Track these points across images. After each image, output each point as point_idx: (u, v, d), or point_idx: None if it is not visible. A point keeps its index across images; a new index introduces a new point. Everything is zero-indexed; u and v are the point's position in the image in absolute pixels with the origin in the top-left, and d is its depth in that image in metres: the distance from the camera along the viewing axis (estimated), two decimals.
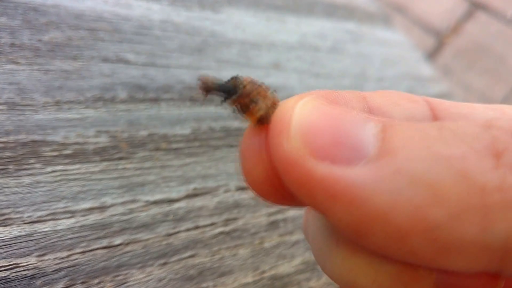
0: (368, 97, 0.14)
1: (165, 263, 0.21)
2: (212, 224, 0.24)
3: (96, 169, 0.23)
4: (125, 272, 0.20)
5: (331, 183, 0.10)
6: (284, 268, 0.24)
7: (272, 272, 0.24)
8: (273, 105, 0.12)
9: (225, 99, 0.12)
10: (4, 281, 0.18)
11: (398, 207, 0.09)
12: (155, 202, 0.23)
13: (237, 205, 0.26)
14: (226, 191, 0.26)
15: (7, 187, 0.20)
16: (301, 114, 0.11)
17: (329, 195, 0.10)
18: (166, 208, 0.23)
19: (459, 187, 0.09)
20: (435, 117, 0.14)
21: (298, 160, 0.10)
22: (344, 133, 0.10)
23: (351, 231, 0.10)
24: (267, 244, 0.25)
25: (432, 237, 0.09)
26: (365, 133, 0.10)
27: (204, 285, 0.22)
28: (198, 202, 0.24)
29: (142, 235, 0.22)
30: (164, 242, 0.22)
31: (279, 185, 0.12)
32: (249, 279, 0.23)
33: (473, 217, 0.09)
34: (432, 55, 1.37)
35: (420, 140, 0.10)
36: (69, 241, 0.20)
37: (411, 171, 0.09)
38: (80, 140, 0.24)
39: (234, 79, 0.12)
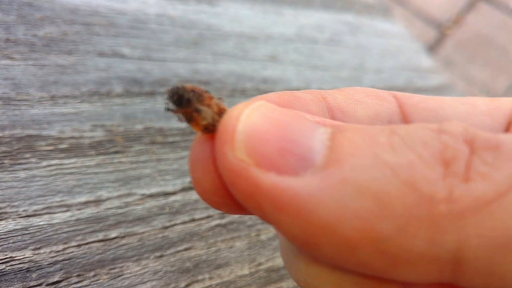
0: (328, 97, 0.13)
1: (161, 256, 0.22)
2: (208, 216, 0.24)
3: (92, 163, 0.23)
4: (120, 265, 0.20)
5: (277, 194, 0.09)
6: (281, 260, 0.24)
7: (269, 264, 0.24)
8: (220, 113, 0.11)
9: (168, 109, 0.11)
10: (0, 274, 0.18)
11: (345, 219, 0.09)
12: (151, 196, 0.23)
13: None
14: None
15: (2, 182, 0.20)
16: (246, 122, 0.10)
17: (276, 207, 0.09)
18: (162, 201, 0.23)
19: (406, 198, 0.09)
20: (403, 113, 0.14)
21: (243, 171, 0.10)
22: (291, 141, 0.10)
23: (300, 243, 0.10)
24: (263, 236, 0.25)
25: (380, 249, 0.09)
26: (314, 140, 0.10)
27: (200, 277, 0.22)
28: (194, 195, 0.24)
29: (138, 228, 0.22)
30: (160, 235, 0.22)
31: (229, 196, 0.11)
32: (246, 271, 0.23)
33: (421, 229, 0.09)
34: (433, 47, 1.36)
35: (368, 147, 0.09)
36: (64, 235, 0.20)
37: (357, 181, 0.09)
38: (75, 134, 0.24)
39: (175, 88, 0.11)
